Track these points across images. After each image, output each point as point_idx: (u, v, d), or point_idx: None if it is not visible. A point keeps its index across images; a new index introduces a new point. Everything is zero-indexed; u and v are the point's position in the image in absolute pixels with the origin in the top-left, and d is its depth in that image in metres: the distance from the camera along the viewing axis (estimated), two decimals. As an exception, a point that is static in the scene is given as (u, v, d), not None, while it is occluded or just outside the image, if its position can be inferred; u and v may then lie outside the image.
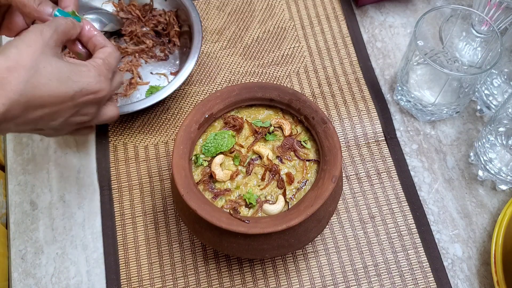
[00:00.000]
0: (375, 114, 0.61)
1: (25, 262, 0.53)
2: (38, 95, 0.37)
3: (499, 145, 0.54)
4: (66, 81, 0.38)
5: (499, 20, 0.57)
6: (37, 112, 0.38)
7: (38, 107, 0.38)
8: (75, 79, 0.39)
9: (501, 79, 0.60)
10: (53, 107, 0.38)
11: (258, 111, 0.51)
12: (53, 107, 0.38)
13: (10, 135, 0.59)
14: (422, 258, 0.53)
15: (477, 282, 0.52)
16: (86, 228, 0.55)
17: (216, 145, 0.47)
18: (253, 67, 0.64)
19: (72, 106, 0.40)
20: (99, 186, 0.57)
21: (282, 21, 0.67)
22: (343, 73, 0.64)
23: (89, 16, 0.63)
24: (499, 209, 0.56)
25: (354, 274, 0.52)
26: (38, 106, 0.38)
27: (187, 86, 0.63)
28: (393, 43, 0.66)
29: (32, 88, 0.36)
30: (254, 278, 0.52)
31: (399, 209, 0.55)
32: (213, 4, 0.69)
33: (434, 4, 0.69)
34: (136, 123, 0.60)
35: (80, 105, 0.41)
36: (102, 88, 0.41)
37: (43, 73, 0.37)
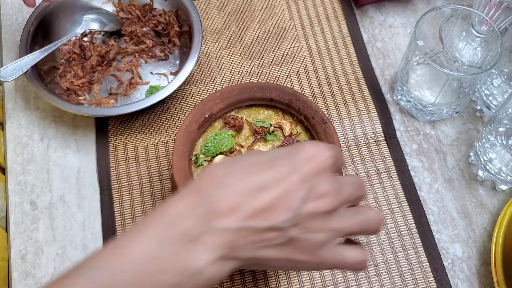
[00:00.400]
0: (375, 114, 0.61)
1: (25, 262, 0.53)
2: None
3: (499, 145, 0.54)
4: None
5: (499, 20, 0.57)
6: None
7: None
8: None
9: (501, 79, 0.60)
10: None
11: (258, 111, 0.51)
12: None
13: (10, 135, 0.59)
14: (422, 258, 0.53)
15: (477, 282, 0.52)
16: (86, 228, 0.55)
17: (216, 145, 0.47)
18: (253, 67, 0.64)
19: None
20: (99, 186, 0.57)
21: (282, 21, 0.67)
22: (343, 73, 0.64)
23: (89, 16, 0.63)
24: (499, 209, 0.56)
25: (354, 274, 0.52)
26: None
27: (187, 86, 0.63)
28: (393, 43, 0.66)
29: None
30: (254, 278, 0.52)
31: (399, 209, 0.55)
32: (213, 4, 0.69)
33: (434, 4, 0.69)
34: (136, 123, 0.60)
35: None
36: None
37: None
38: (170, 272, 0.29)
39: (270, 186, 0.30)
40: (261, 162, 0.32)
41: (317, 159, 0.32)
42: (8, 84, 0.63)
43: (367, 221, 0.34)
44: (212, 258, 0.29)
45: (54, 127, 0.60)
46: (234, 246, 0.30)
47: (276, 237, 0.30)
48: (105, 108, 0.58)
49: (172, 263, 0.29)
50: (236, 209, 0.30)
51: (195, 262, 0.29)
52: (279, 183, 0.30)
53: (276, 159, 0.32)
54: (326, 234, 0.32)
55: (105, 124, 0.60)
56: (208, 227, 0.29)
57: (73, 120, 0.60)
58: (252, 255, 0.30)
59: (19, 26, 0.67)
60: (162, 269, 0.28)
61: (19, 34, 0.61)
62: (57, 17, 0.62)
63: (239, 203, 0.30)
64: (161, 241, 0.29)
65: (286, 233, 0.30)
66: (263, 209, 0.30)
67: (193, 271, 0.29)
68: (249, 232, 0.30)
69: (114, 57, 0.63)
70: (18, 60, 0.56)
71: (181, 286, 0.29)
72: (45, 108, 0.61)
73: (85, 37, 0.63)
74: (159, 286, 0.29)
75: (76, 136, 0.59)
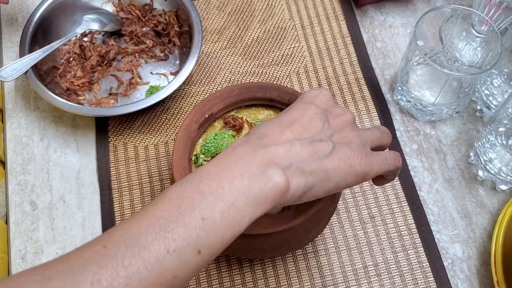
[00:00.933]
0: (375, 114, 0.61)
1: (25, 262, 0.53)
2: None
3: (499, 145, 0.54)
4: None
5: (499, 20, 0.57)
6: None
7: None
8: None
9: (501, 79, 0.60)
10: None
11: (258, 111, 0.51)
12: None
13: (10, 135, 0.59)
14: (422, 258, 0.53)
15: (477, 282, 0.52)
16: (86, 228, 0.55)
17: (216, 145, 0.47)
18: (253, 67, 0.64)
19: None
20: (99, 186, 0.57)
21: (282, 21, 0.67)
22: (343, 73, 0.64)
23: (89, 16, 0.63)
24: (499, 209, 0.56)
25: (354, 274, 0.52)
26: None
27: (187, 86, 0.63)
28: (393, 43, 0.66)
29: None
30: (254, 278, 0.52)
31: (399, 209, 0.55)
32: (213, 4, 0.69)
33: (434, 4, 0.69)
34: (136, 123, 0.60)
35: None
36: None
37: None
38: (266, 199, 0.32)
39: (298, 118, 0.36)
40: (283, 113, 0.38)
41: (320, 94, 0.39)
42: (8, 84, 0.63)
43: (382, 128, 0.41)
44: (281, 171, 0.32)
45: (54, 127, 0.60)
46: (294, 158, 0.33)
47: (325, 147, 0.35)
48: (105, 108, 0.58)
49: (262, 190, 0.32)
50: (282, 133, 0.35)
51: (273, 179, 0.32)
52: (303, 115, 0.36)
53: (292, 106, 0.38)
54: (360, 138, 0.37)
55: (105, 124, 0.60)
56: (266, 149, 0.33)
57: (73, 120, 0.60)
58: (314, 168, 0.34)
59: (19, 26, 0.67)
60: (258, 199, 0.32)
61: (19, 34, 0.61)
62: (57, 17, 0.62)
63: (281, 132, 0.35)
64: (246, 178, 0.32)
65: (330, 142, 0.35)
66: (301, 131, 0.35)
67: (278, 187, 0.32)
68: (301, 146, 0.34)
69: (114, 57, 0.63)
70: (18, 60, 0.56)
71: (275, 205, 0.32)
72: (45, 108, 0.61)
73: (85, 37, 0.63)
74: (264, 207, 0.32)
75: (76, 136, 0.59)
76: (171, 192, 0.31)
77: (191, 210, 0.30)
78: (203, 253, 0.30)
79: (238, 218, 0.31)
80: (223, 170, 0.32)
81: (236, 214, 0.30)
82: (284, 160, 0.33)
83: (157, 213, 0.30)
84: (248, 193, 0.31)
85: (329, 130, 0.36)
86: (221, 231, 0.30)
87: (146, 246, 0.28)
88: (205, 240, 0.30)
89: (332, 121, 0.37)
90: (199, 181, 0.31)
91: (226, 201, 0.30)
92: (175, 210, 0.30)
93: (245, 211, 0.31)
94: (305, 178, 0.33)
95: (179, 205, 0.30)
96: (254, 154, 0.33)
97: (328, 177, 0.35)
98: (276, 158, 0.33)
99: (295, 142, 0.34)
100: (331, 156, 0.35)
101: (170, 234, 0.29)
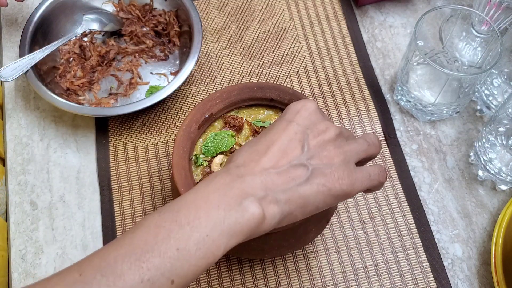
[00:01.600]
0: (375, 114, 0.61)
1: (25, 262, 0.53)
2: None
3: (499, 145, 0.54)
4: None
5: (499, 20, 0.57)
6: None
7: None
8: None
9: (501, 79, 0.60)
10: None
11: (258, 111, 0.51)
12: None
13: (10, 135, 0.59)
14: (422, 258, 0.53)
15: (477, 282, 0.52)
16: (86, 228, 0.55)
17: (216, 145, 0.47)
18: (253, 67, 0.64)
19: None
20: (99, 186, 0.57)
21: (282, 21, 0.67)
22: (343, 73, 0.64)
23: (89, 16, 0.63)
24: (499, 209, 0.56)
25: (354, 274, 0.52)
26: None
27: (187, 86, 0.63)
28: (393, 43, 0.66)
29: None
30: (254, 278, 0.52)
31: (399, 209, 0.55)
32: (213, 4, 0.69)
33: (434, 4, 0.69)
34: (136, 123, 0.60)
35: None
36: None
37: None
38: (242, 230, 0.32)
39: (276, 141, 0.36)
40: (263, 133, 0.38)
41: (303, 108, 0.38)
42: (8, 84, 0.63)
43: (370, 139, 0.39)
44: (256, 202, 0.33)
45: (54, 127, 0.60)
46: (269, 189, 0.34)
47: (302, 173, 0.35)
48: (105, 108, 0.58)
49: (238, 221, 0.32)
50: (259, 162, 0.35)
51: (248, 210, 0.32)
52: (282, 137, 0.36)
53: (273, 125, 0.38)
54: (343, 156, 0.36)
55: (105, 124, 0.60)
56: (243, 180, 0.34)
57: (73, 120, 0.60)
58: (289, 196, 0.34)
59: (19, 26, 0.67)
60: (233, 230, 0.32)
61: (19, 34, 0.61)
62: (57, 17, 0.62)
63: (258, 159, 0.35)
64: (223, 209, 0.32)
65: (308, 167, 0.35)
66: (278, 156, 0.35)
67: (254, 218, 0.32)
68: (277, 175, 0.34)
69: (114, 57, 0.63)
70: (18, 60, 0.56)
71: (250, 235, 0.33)
72: (45, 108, 0.61)
73: (85, 37, 0.64)
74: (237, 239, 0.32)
75: (76, 136, 0.59)
76: (150, 221, 0.32)
77: (167, 240, 0.30)
78: (176, 282, 0.30)
79: (212, 249, 0.31)
80: (201, 200, 0.33)
81: (210, 244, 0.31)
82: (260, 191, 0.33)
83: (134, 241, 0.31)
84: (224, 224, 0.31)
85: (308, 152, 0.36)
86: (195, 261, 0.31)
87: (121, 274, 0.29)
88: (179, 270, 0.30)
89: (312, 141, 0.36)
90: (177, 211, 0.32)
91: (202, 232, 0.31)
92: (151, 239, 0.31)
93: (219, 241, 0.31)
94: (281, 206, 0.34)
95: (156, 234, 0.31)
96: (231, 184, 0.33)
97: (307, 203, 0.35)
98: (252, 189, 0.33)
99: (271, 171, 0.34)
100: (309, 181, 0.35)
101: (145, 264, 0.30)
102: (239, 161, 0.36)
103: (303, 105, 0.38)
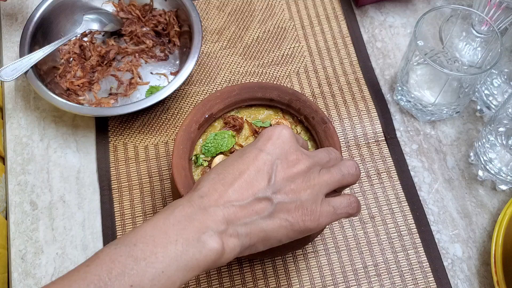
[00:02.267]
0: (375, 114, 0.61)
1: (25, 262, 0.53)
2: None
3: (499, 145, 0.54)
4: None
5: (499, 20, 0.57)
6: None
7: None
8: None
9: (501, 79, 0.60)
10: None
11: (258, 111, 0.51)
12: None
13: (10, 135, 0.59)
14: (422, 258, 0.53)
15: (477, 282, 0.52)
16: (86, 228, 0.55)
17: (216, 145, 0.47)
18: (253, 67, 0.64)
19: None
20: (99, 186, 0.57)
21: (282, 21, 0.67)
22: (343, 73, 0.64)
23: (89, 16, 0.63)
24: (499, 209, 0.56)
25: (354, 274, 0.52)
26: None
27: (187, 86, 0.63)
28: (393, 43, 0.66)
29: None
30: (254, 278, 0.52)
31: (399, 209, 0.55)
32: (213, 4, 0.69)
33: (434, 4, 0.69)
34: (136, 123, 0.60)
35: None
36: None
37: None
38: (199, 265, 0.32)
39: (243, 172, 0.35)
40: (233, 159, 0.37)
41: (276, 136, 0.37)
42: (8, 84, 0.63)
43: (346, 169, 0.38)
44: (216, 236, 0.32)
45: (54, 127, 0.60)
46: (231, 222, 0.33)
47: (265, 207, 0.34)
48: (105, 108, 0.58)
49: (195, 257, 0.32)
50: (223, 194, 0.34)
51: (207, 245, 0.32)
52: (249, 168, 0.35)
53: (244, 151, 0.37)
54: (310, 190, 0.35)
55: (105, 124, 0.60)
56: (205, 212, 0.33)
57: (73, 120, 0.60)
58: (250, 230, 0.34)
59: (19, 26, 0.67)
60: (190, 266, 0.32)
61: (19, 34, 0.61)
62: (57, 17, 0.62)
63: (223, 191, 0.34)
64: (181, 244, 0.32)
65: (272, 201, 0.34)
66: (244, 188, 0.34)
67: (212, 253, 0.32)
68: (240, 208, 0.34)
69: (114, 57, 0.63)
70: (18, 60, 0.56)
71: (207, 269, 0.33)
72: (45, 108, 0.61)
73: (85, 37, 0.64)
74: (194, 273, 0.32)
75: (76, 136, 0.59)
76: (105, 254, 0.31)
77: (121, 276, 0.30)
78: None
79: (167, 284, 0.31)
80: (160, 234, 0.32)
81: (166, 280, 0.31)
82: (221, 224, 0.33)
83: (88, 277, 0.30)
84: (181, 260, 0.31)
85: (275, 185, 0.35)
86: None
87: None
88: None
89: (280, 174, 0.35)
90: (134, 245, 0.31)
91: (158, 268, 0.31)
92: (105, 276, 0.30)
93: (175, 277, 0.31)
94: (242, 240, 0.34)
95: (110, 269, 0.30)
96: (192, 217, 0.33)
97: (268, 236, 0.35)
98: (213, 222, 0.33)
99: (235, 203, 0.34)
100: (273, 215, 0.34)
101: None
102: (203, 190, 0.35)
103: (277, 132, 0.37)
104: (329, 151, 0.40)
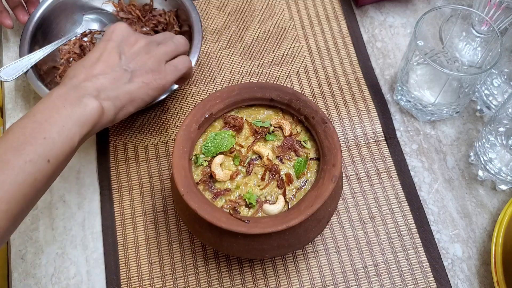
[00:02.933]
0: (375, 114, 0.61)
1: (25, 262, 0.53)
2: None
3: (499, 145, 0.54)
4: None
5: (499, 20, 0.57)
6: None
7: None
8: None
9: (501, 79, 0.60)
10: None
11: (258, 111, 0.51)
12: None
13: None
14: (422, 258, 0.53)
15: (477, 282, 0.52)
16: (86, 228, 0.55)
17: (216, 145, 0.47)
18: (253, 67, 0.64)
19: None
20: (99, 186, 0.57)
21: (282, 21, 0.67)
22: (343, 73, 0.64)
23: (89, 16, 0.63)
24: (499, 209, 0.56)
25: (354, 274, 0.52)
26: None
27: (187, 86, 0.63)
28: (393, 43, 0.66)
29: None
30: (254, 278, 0.52)
31: (399, 209, 0.55)
32: (213, 4, 0.69)
33: (434, 4, 0.69)
34: (136, 123, 0.60)
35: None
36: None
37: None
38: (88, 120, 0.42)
39: (99, 56, 0.46)
40: (87, 56, 0.47)
41: (115, 29, 0.48)
42: (8, 84, 0.63)
43: (177, 40, 0.51)
44: (93, 98, 0.42)
45: (54, 127, 0.60)
46: (101, 89, 0.44)
47: (123, 74, 0.46)
48: (105, 108, 0.58)
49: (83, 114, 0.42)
50: (89, 72, 0.45)
51: (88, 104, 0.42)
52: (102, 53, 0.46)
53: (96, 45, 0.48)
54: (153, 58, 0.48)
55: (105, 124, 0.60)
56: (78, 88, 0.43)
57: (73, 120, 0.60)
58: (117, 93, 0.45)
59: (19, 26, 0.67)
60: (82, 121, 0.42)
61: (19, 34, 0.61)
62: (57, 17, 0.62)
63: (87, 71, 0.45)
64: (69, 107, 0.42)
65: (127, 70, 0.46)
66: (103, 66, 0.45)
67: (95, 110, 0.42)
68: (104, 78, 0.44)
69: (114, 57, 0.63)
70: (18, 60, 0.56)
71: (96, 125, 0.43)
72: (45, 108, 0.61)
73: (85, 37, 0.63)
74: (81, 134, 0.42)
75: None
76: (14, 126, 0.40)
77: (34, 133, 0.40)
78: (51, 161, 0.40)
79: (70, 135, 0.41)
80: (49, 105, 0.41)
81: (68, 132, 0.41)
82: (94, 91, 0.43)
83: (9, 140, 0.39)
84: (73, 117, 0.41)
85: (126, 59, 0.46)
86: (60, 145, 0.40)
87: (8, 161, 0.38)
88: (50, 152, 0.40)
89: (127, 52, 0.47)
90: (33, 115, 0.41)
91: (59, 124, 0.40)
92: (21, 136, 0.39)
93: (74, 130, 0.41)
94: (113, 102, 0.44)
95: (23, 132, 0.40)
96: (69, 92, 0.42)
97: (133, 97, 0.46)
98: (87, 90, 0.43)
99: (99, 76, 0.44)
100: (131, 80, 0.46)
101: (24, 150, 0.39)
102: (71, 74, 0.45)
103: (115, 26, 0.48)
104: (164, 34, 0.52)
